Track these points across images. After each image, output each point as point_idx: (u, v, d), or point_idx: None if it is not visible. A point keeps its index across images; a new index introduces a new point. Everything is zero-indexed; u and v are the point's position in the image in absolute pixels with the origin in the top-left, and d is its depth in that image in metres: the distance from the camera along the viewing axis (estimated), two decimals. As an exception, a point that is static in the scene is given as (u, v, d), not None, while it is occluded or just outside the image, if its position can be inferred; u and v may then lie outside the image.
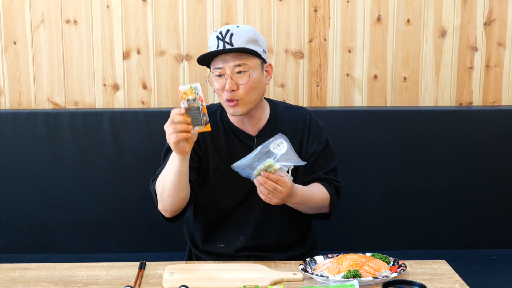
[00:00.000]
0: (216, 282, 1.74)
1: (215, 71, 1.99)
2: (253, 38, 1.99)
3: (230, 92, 1.96)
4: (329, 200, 2.08)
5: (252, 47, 1.97)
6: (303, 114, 2.14)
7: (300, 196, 1.96)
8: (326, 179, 2.11)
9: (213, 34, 2.01)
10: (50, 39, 2.78)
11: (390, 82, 2.84)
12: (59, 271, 1.85)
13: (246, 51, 1.96)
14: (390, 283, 1.69)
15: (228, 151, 2.07)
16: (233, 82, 1.96)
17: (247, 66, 1.97)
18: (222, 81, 1.98)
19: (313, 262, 1.85)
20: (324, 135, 2.14)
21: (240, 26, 2.00)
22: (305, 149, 2.10)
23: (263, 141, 2.00)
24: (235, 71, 1.96)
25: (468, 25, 2.82)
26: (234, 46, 1.95)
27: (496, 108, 2.81)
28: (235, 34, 1.96)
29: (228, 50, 1.95)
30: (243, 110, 1.99)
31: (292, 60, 2.81)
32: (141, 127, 2.67)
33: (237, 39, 1.96)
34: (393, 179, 2.71)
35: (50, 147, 2.66)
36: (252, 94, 1.99)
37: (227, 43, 1.96)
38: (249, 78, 1.97)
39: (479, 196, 2.72)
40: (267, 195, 1.84)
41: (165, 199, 1.95)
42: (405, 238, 2.73)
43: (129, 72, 2.80)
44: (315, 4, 2.78)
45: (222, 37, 1.97)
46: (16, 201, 2.68)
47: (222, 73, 1.97)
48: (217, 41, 1.97)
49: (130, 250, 2.68)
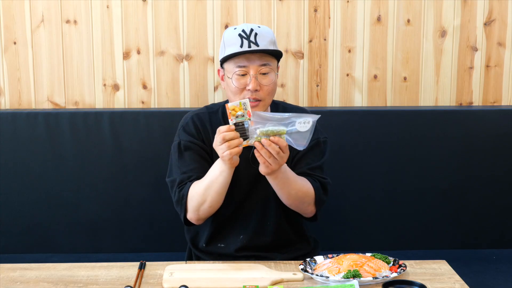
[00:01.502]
0: (216, 282, 1.74)
1: (238, 69, 1.97)
2: (273, 40, 2.02)
3: (253, 92, 1.96)
4: (314, 194, 2.02)
5: (274, 47, 2.00)
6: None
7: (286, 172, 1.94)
8: (310, 175, 2.06)
9: (232, 31, 2.00)
10: (50, 39, 2.78)
11: (390, 82, 2.84)
12: (59, 271, 1.85)
13: (275, 53, 1.99)
14: (390, 283, 1.69)
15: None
16: (258, 82, 1.96)
17: (271, 68, 1.98)
18: (244, 80, 1.97)
19: (313, 262, 1.85)
20: (319, 135, 2.11)
21: (261, 27, 2.01)
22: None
23: None
24: (260, 71, 1.97)
25: (468, 25, 2.82)
26: (259, 47, 1.96)
27: (496, 108, 2.81)
28: (259, 34, 1.97)
29: (260, 51, 1.95)
30: (261, 110, 1.98)
31: (292, 60, 2.81)
32: (141, 127, 2.67)
33: (262, 39, 1.97)
34: (393, 179, 2.71)
35: (50, 147, 2.66)
36: (271, 96, 2.03)
37: (252, 42, 1.96)
38: (272, 80, 1.99)
39: (479, 196, 2.72)
40: (267, 159, 1.82)
41: (205, 209, 1.96)
42: (405, 238, 2.73)
43: (129, 72, 2.80)
44: (315, 4, 2.78)
45: (246, 36, 1.96)
46: (16, 201, 2.68)
47: (246, 72, 1.97)
48: (241, 39, 1.96)
49: (130, 250, 2.68)
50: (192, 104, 2.81)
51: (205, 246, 2.12)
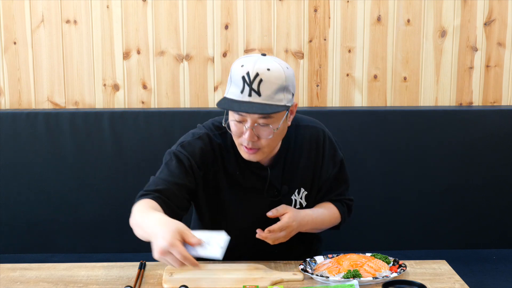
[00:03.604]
0: (216, 282, 1.74)
1: (235, 116, 1.76)
2: (284, 86, 1.73)
3: (250, 141, 1.77)
4: (340, 219, 2.06)
5: (281, 98, 1.73)
6: (316, 135, 1.97)
7: (311, 223, 1.93)
8: (339, 200, 2.06)
9: (239, 69, 1.73)
10: (50, 39, 2.78)
11: (390, 82, 2.84)
12: (59, 271, 1.85)
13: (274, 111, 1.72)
14: (390, 283, 1.69)
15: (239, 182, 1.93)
16: (254, 134, 1.75)
17: (273, 120, 1.75)
18: (241, 127, 1.77)
19: (313, 262, 1.85)
20: (339, 155, 2.01)
21: (271, 68, 1.71)
22: (318, 173, 1.98)
23: (276, 171, 1.92)
24: (259, 122, 1.75)
25: (468, 25, 2.82)
26: (261, 96, 1.70)
27: (496, 108, 2.81)
28: (264, 81, 1.70)
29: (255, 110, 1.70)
30: (261, 157, 1.83)
31: (292, 60, 2.81)
32: (141, 127, 2.67)
33: (266, 87, 1.70)
34: (393, 179, 2.71)
35: (50, 147, 2.66)
36: (273, 144, 1.82)
37: (254, 90, 1.70)
38: (273, 132, 1.77)
39: (479, 196, 2.72)
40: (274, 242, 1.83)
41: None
42: (405, 238, 2.73)
43: (129, 72, 2.80)
44: (315, 4, 2.78)
45: (249, 82, 1.70)
46: (16, 201, 2.68)
47: (243, 120, 1.75)
48: (243, 84, 1.71)
49: (130, 250, 2.67)
50: (192, 104, 2.81)
51: None
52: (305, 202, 1.99)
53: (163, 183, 1.82)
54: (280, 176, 1.94)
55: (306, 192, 1.99)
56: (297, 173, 1.96)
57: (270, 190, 1.94)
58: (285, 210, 1.85)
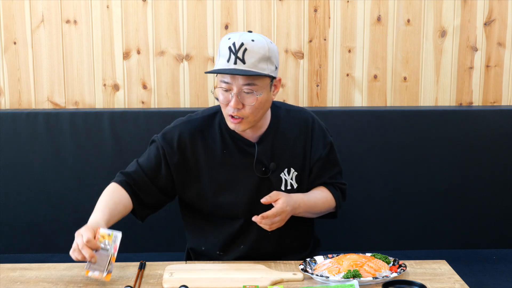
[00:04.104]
0: (216, 282, 1.74)
1: (222, 84, 1.90)
2: (267, 56, 1.88)
3: (235, 109, 1.89)
4: (335, 204, 2.10)
5: (264, 67, 1.88)
6: (305, 118, 2.10)
7: (304, 206, 1.98)
8: (331, 183, 2.11)
9: (226, 41, 1.90)
10: (50, 39, 2.78)
11: (390, 82, 2.84)
12: (59, 271, 1.85)
13: (258, 74, 1.87)
14: (390, 283, 1.69)
15: (226, 161, 2.02)
16: (239, 101, 1.88)
17: (256, 87, 1.89)
18: (228, 96, 1.90)
19: (313, 262, 1.85)
20: (328, 138, 2.11)
21: (255, 40, 1.88)
22: (309, 154, 2.07)
23: (264, 148, 2.01)
24: (243, 90, 1.88)
25: (468, 25, 2.82)
26: (246, 64, 1.85)
27: (496, 108, 2.81)
28: (249, 50, 1.86)
29: (239, 72, 1.85)
30: (245, 127, 1.94)
31: (292, 60, 2.81)
32: (141, 127, 2.67)
33: (250, 56, 1.86)
34: (393, 179, 2.71)
35: (50, 147, 2.66)
36: (257, 114, 1.93)
37: (239, 58, 1.85)
38: (257, 99, 1.89)
39: (479, 196, 2.72)
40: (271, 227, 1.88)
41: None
42: (405, 238, 2.73)
43: (129, 72, 2.80)
44: (315, 4, 2.78)
45: (235, 51, 1.86)
46: (16, 201, 2.68)
47: (229, 88, 1.89)
48: (229, 53, 1.87)
49: (130, 250, 2.67)
50: (192, 104, 2.81)
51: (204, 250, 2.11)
52: (296, 183, 2.05)
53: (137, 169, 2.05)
54: (268, 152, 2.02)
55: (297, 172, 2.04)
56: (286, 151, 2.04)
57: (258, 167, 2.01)
58: (277, 196, 1.90)
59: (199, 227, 2.11)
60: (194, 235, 2.14)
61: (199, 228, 2.12)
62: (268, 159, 2.01)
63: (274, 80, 1.96)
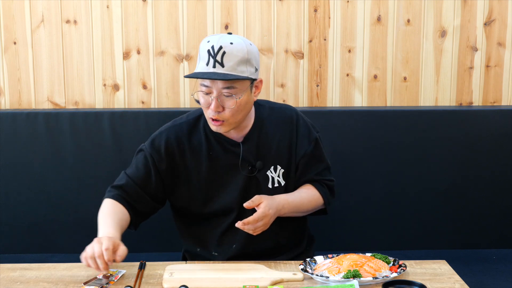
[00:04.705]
0: (216, 282, 1.74)
1: (202, 88, 1.91)
2: (246, 58, 1.89)
3: (216, 112, 1.90)
4: (323, 201, 2.09)
5: (243, 70, 1.89)
6: (290, 115, 2.09)
7: (288, 207, 1.98)
8: (318, 180, 2.10)
9: (205, 43, 1.91)
10: (50, 39, 2.78)
11: (390, 82, 2.84)
12: (59, 271, 1.85)
13: (236, 78, 1.87)
14: (390, 283, 1.69)
15: (212, 162, 2.03)
16: (219, 104, 1.89)
17: (236, 90, 1.89)
18: (208, 99, 1.91)
19: (313, 262, 1.85)
20: (313, 134, 2.10)
21: (234, 42, 1.89)
22: (294, 150, 2.07)
23: (249, 147, 2.02)
24: (223, 93, 1.89)
25: (468, 25, 2.82)
26: (224, 67, 1.86)
27: (496, 108, 2.80)
28: (228, 53, 1.86)
29: (216, 77, 1.85)
30: (227, 129, 1.95)
31: (292, 60, 2.81)
32: (141, 127, 2.67)
33: (229, 59, 1.86)
34: (393, 179, 2.71)
35: (50, 147, 2.66)
36: (237, 116, 1.94)
37: (218, 62, 1.86)
38: (236, 102, 1.90)
39: (479, 196, 2.72)
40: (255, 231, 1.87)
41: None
42: (405, 238, 2.73)
43: (129, 72, 2.80)
44: (315, 4, 2.78)
45: (213, 54, 1.87)
46: (16, 201, 2.68)
47: (209, 92, 1.90)
48: (208, 56, 1.88)
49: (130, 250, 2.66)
50: (192, 104, 2.81)
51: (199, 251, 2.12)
52: (283, 180, 2.06)
53: (128, 181, 2.04)
54: (253, 151, 2.03)
55: (283, 170, 2.05)
56: (271, 149, 2.04)
57: (245, 166, 2.02)
58: (259, 200, 1.89)
59: (192, 230, 2.12)
60: (188, 238, 2.15)
61: (192, 231, 2.12)
62: (254, 158, 2.03)
63: (255, 81, 1.96)
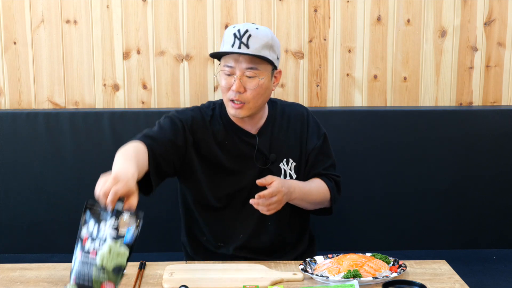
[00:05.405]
0: (216, 282, 1.74)
1: (225, 68, 1.97)
2: (270, 44, 1.96)
3: (237, 93, 1.95)
4: (330, 195, 2.11)
5: (267, 53, 1.95)
6: (301, 111, 2.17)
7: (299, 191, 2.00)
8: (325, 175, 2.14)
9: (230, 29, 1.97)
10: (50, 39, 2.78)
11: (390, 82, 2.84)
12: (59, 271, 1.85)
13: (261, 58, 1.94)
14: (390, 283, 1.69)
15: (228, 151, 2.07)
16: (241, 85, 1.95)
17: (258, 72, 1.96)
18: (230, 80, 1.96)
19: (313, 262, 1.85)
20: (322, 130, 2.18)
21: (259, 28, 1.97)
22: (305, 145, 2.13)
23: (264, 139, 2.06)
24: (246, 74, 1.95)
25: (468, 25, 2.82)
26: (249, 49, 1.92)
27: (496, 108, 2.80)
28: (253, 36, 1.93)
29: (242, 52, 1.92)
30: (245, 113, 2.00)
31: (292, 60, 2.81)
32: (141, 127, 2.64)
33: (254, 41, 1.93)
34: (393, 179, 2.71)
35: (50, 147, 2.66)
36: (258, 99, 1.99)
37: (243, 43, 1.92)
38: (258, 84, 1.96)
39: (479, 196, 2.72)
40: (268, 209, 1.89)
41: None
42: (405, 238, 2.73)
43: (129, 72, 2.80)
44: (315, 4, 2.78)
45: (239, 36, 1.93)
46: (16, 201, 2.68)
47: (232, 72, 1.96)
48: (234, 38, 1.94)
49: (130, 250, 2.67)
50: (192, 104, 2.80)
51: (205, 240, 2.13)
52: (295, 174, 2.10)
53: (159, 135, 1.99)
54: (267, 144, 2.07)
55: (295, 163, 2.10)
56: (284, 143, 2.10)
57: (259, 157, 2.06)
58: (272, 178, 1.92)
59: (200, 218, 2.12)
60: (194, 227, 2.15)
61: (199, 219, 2.13)
62: (267, 150, 2.07)
63: (275, 71, 2.04)
